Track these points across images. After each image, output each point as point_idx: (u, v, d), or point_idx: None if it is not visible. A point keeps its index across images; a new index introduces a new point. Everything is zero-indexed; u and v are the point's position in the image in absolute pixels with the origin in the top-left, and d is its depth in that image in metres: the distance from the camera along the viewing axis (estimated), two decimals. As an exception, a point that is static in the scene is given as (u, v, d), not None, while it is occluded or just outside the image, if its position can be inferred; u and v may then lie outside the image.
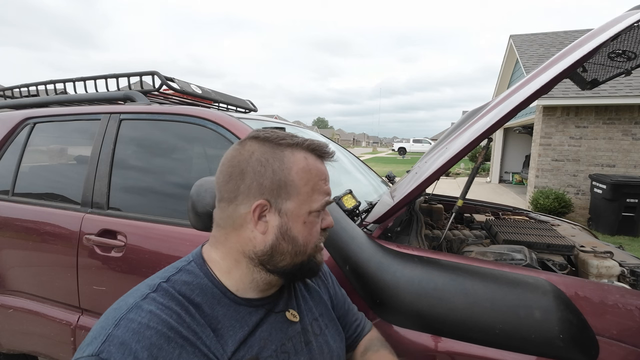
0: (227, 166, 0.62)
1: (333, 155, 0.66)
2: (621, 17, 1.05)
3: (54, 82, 2.09)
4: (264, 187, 0.59)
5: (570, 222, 1.97)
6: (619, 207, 5.23)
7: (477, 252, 1.26)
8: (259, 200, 0.59)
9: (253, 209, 0.59)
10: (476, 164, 1.50)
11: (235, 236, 0.62)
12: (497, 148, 11.52)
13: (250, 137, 0.63)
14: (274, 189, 0.59)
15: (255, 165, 0.60)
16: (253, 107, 2.46)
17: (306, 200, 0.61)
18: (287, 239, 0.61)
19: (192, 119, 1.47)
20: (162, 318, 0.52)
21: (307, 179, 0.61)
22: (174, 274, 0.61)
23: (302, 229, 0.61)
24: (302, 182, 0.60)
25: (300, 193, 0.60)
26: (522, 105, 0.97)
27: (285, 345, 0.64)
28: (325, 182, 0.64)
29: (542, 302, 0.88)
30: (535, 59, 8.12)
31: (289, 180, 0.60)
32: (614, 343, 0.87)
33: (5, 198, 1.72)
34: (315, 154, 0.64)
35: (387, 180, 2.45)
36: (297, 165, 0.61)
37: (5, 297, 1.67)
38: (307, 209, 0.61)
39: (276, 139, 0.62)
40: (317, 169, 0.63)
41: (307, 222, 0.61)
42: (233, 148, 0.64)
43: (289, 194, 0.60)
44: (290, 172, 0.60)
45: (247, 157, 0.60)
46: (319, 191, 0.62)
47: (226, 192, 0.61)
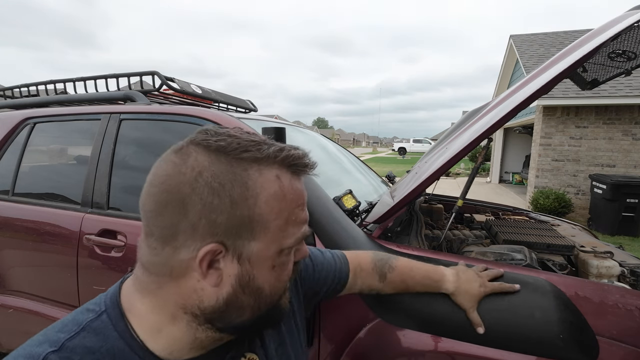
0: (159, 189, 0.42)
1: (314, 168, 0.49)
2: (621, 17, 1.05)
3: (54, 82, 2.09)
4: (217, 226, 0.41)
5: (570, 222, 1.97)
6: (619, 207, 5.22)
7: (477, 252, 1.26)
8: (210, 245, 0.42)
9: (200, 258, 0.42)
10: (476, 164, 1.50)
11: (174, 287, 0.44)
12: (497, 148, 11.52)
13: (196, 144, 0.43)
14: (232, 227, 0.42)
15: (205, 193, 0.41)
16: (253, 107, 2.46)
17: (277, 238, 0.44)
18: (249, 291, 0.45)
19: (192, 119, 1.47)
20: None
21: (280, 208, 0.44)
22: (72, 336, 0.42)
23: (269, 276, 0.46)
24: (273, 214, 0.43)
25: (269, 229, 0.44)
26: (522, 105, 0.97)
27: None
28: (302, 208, 0.47)
29: (542, 302, 0.88)
30: (535, 59, 8.12)
31: (254, 214, 0.42)
32: (614, 343, 0.87)
33: (5, 198, 1.72)
34: (292, 171, 0.46)
35: (387, 180, 2.45)
36: (266, 191, 0.43)
37: (5, 297, 1.67)
38: (277, 247, 0.45)
39: (235, 150, 0.42)
40: (293, 193, 0.45)
41: (276, 266, 0.46)
42: (168, 160, 0.44)
43: (253, 233, 0.43)
44: (257, 202, 0.42)
45: (191, 178, 0.41)
46: (295, 222, 0.46)
47: (158, 228, 0.43)
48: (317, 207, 1.16)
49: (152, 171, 0.44)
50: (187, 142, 0.44)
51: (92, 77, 1.94)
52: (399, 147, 32.68)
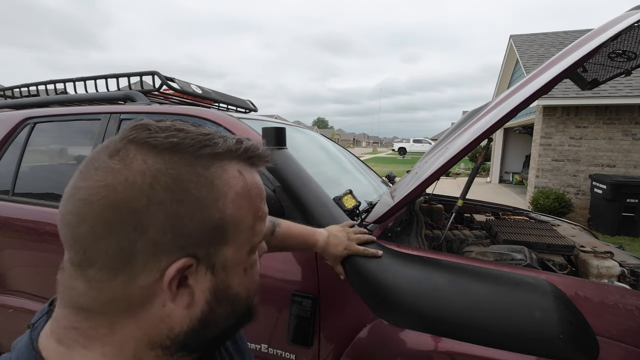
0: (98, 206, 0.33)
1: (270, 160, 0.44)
2: (621, 17, 1.05)
3: (54, 82, 2.09)
4: (186, 237, 0.35)
5: (570, 222, 1.97)
6: (619, 207, 5.22)
7: (477, 252, 1.26)
8: (181, 261, 0.35)
9: (170, 278, 0.34)
10: (476, 164, 1.50)
11: (133, 323, 0.36)
12: (497, 148, 11.52)
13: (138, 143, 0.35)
14: (203, 235, 0.36)
15: (167, 201, 0.34)
16: (253, 107, 2.46)
17: (248, 238, 0.40)
18: (225, 301, 0.40)
19: (192, 119, 1.47)
20: None
21: (248, 206, 0.39)
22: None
23: (244, 280, 0.41)
24: (243, 212, 0.39)
25: (240, 230, 0.39)
26: (522, 105, 0.97)
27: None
28: (264, 201, 0.44)
29: (542, 302, 0.88)
30: (535, 59, 8.12)
31: (226, 216, 0.37)
32: (614, 343, 0.87)
33: (6, 198, 1.72)
34: (250, 163, 0.41)
35: (387, 180, 2.45)
36: (233, 189, 0.38)
37: (5, 297, 1.67)
38: (248, 248, 0.41)
39: (192, 147, 0.36)
40: (256, 188, 0.41)
41: (248, 267, 0.41)
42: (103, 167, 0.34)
43: (225, 237, 0.38)
44: (226, 202, 0.37)
45: (145, 186, 0.33)
46: (261, 218, 0.42)
47: (102, 255, 0.33)
48: (317, 207, 1.16)
49: (79, 183, 0.34)
50: (123, 142, 0.35)
51: (92, 77, 1.94)
52: (399, 147, 32.69)
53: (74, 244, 0.34)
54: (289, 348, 1.13)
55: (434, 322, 0.93)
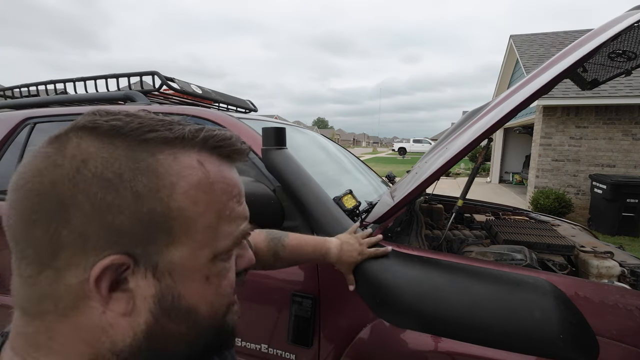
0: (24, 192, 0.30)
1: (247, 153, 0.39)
2: (621, 17, 1.05)
3: (54, 82, 2.09)
4: (117, 231, 0.30)
5: (570, 222, 1.97)
6: (619, 207, 5.22)
7: (477, 252, 1.26)
8: (109, 258, 0.30)
9: (95, 277, 0.30)
10: (476, 164, 1.50)
11: (68, 328, 0.31)
12: (497, 148, 11.52)
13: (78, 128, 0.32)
14: (139, 230, 0.31)
15: (94, 187, 0.30)
16: (253, 107, 2.46)
17: (207, 239, 0.34)
18: (175, 315, 0.34)
19: (192, 119, 1.47)
20: None
21: (208, 201, 0.34)
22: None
23: (204, 291, 0.35)
24: (199, 209, 0.33)
25: (194, 229, 0.33)
26: (522, 105, 0.97)
27: None
28: (239, 200, 0.37)
29: (542, 302, 0.88)
30: (535, 59, 8.12)
31: (171, 209, 0.32)
32: (614, 343, 0.87)
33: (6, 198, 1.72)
34: (218, 154, 0.36)
35: (387, 181, 2.45)
36: (185, 179, 0.33)
37: (5, 297, 1.67)
38: (209, 253, 0.34)
39: (136, 131, 0.32)
40: (223, 182, 0.36)
41: (211, 277, 0.35)
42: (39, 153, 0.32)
43: (172, 235, 0.32)
44: (172, 193, 0.32)
45: (71, 170, 0.30)
46: (230, 218, 0.36)
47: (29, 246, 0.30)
48: (317, 207, 1.16)
49: (17, 170, 0.31)
50: (67, 129, 0.32)
51: (92, 77, 1.94)
52: (399, 147, 32.69)
53: (8, 234, 0.31)
54: (289, 348, 1.13)
55: (434, 322, 0.93)
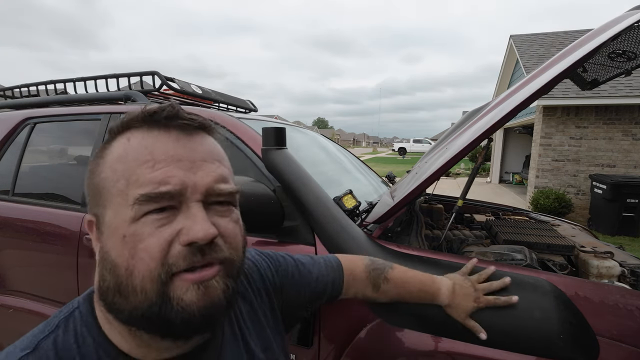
0: None
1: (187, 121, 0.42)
2: (621, 17, 1.05)
3: (54, 82, 2.09)
4: (89, 198, 0.43)
5: (570, 223, 1.97)
6: (619, 207, 5.22)
7: (477, 252, 1.26)
8: (88, 216, 0.43)
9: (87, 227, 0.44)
10: (476, 164, 1.50)
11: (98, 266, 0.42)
12: (498, 148, 11.52)
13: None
14: (91, 197, 0.42)
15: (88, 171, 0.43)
16: (253, 107, 2.46)
17: (121, 202, 0.39)
18: (107, 267, 0.40)
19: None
20: None
21: (122, 169, 0.39)
22: (47, 335, 0.41)
23: (121, 249, 0.38)
24: (115, 176, 0.39)
25: (112, 193, 0.39)
26: (522, 105, 0.97)
27: None
28: (150, 165, 0.39)
29: (542, 302, 0.88)
30: (535, 59, 8.12)
31: (100, 179, 0.40)
32: (615, 343, 0.87)
33: (6, 198, 1.72)
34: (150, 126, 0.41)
35: (387, 181, 2.45)
36: (112, 155, 0.41)
37: (5, 297, 1.67)
38: (123, 216, 0.38)
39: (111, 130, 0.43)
40: (138, 149, 0.40)
41: (127, 236, 0.38)
42: None
43: (102, 200, 0.40)
44: (103, 168, 0.41)
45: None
46: (136, 183, 0.38)
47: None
48: (317, 207, 1.16)
49: None
50: None
51: (92, 77, 1.94)
52: (399, 147, 32.67)
53: None
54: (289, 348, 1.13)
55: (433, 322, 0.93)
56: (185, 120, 0.41)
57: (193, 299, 0.38)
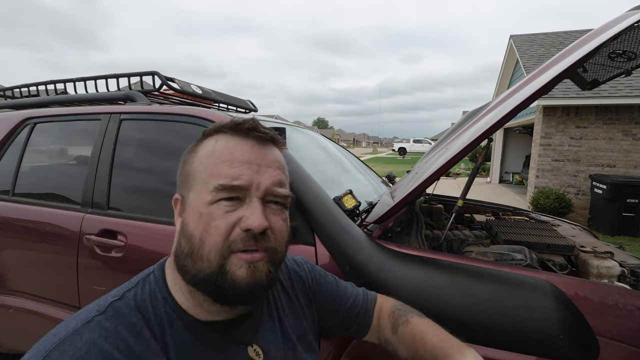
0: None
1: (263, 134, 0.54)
2: (621, 17, 1.05)
3: (54, 82, 2.09)
4: (179, 182, 0.56)
5: (570, 223, 1.97)
6: (620, 207, 5.22)
7: (478, 253, 1.26)
8: (177, 194, 0.56)
9: (173, 204, 0.57)
10: (476, 164, 1.50)
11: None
12: (498, 148, 11.52)
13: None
14: (182, 181, 0.55)
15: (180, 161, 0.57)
16: (253, 107, 2.46)
17: (202, 188, 0.51)
18: (185, 235, 0.51)
19: (192, 119, 1.47)
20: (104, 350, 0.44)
21: (207, 164, 0.52)
22: (130, 289, 0.53)
23: (197, 222, 0.50)
24: (202, 167, 0.52)
25: (197, 180, 0.52)
26: (522, 105, 0.97)
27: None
28: (229, 163, 0.50)
29: (542, 302, 0.88)
30: (535, 59, 8.12)
31: (191, 169, 0.53)
32: (615, 343, 0.87)
33: (6, 198, 1.72)
34: (234, 133, 0.53)
35: (387, 181, 2.45)
36: (202, 151, 0.54)
37: (5, 297, 1.67)
38: (204, 198, 0.50)
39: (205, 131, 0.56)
40: (222, 150, 0.52)
41: (203, 214, 0.49)
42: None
43: (189, 185, 0.53)
44: (194, 160, 0.54)
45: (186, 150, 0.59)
46: (217, 175, 0.50)
47: None
48: (317, 207, 1.16)
49: None
50: None
51: (92, 77, 1.94)
52: (399, 147, 32.66)
53: None
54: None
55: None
56: (261, 133, 0.53)
57: (243, 274, 0.49)
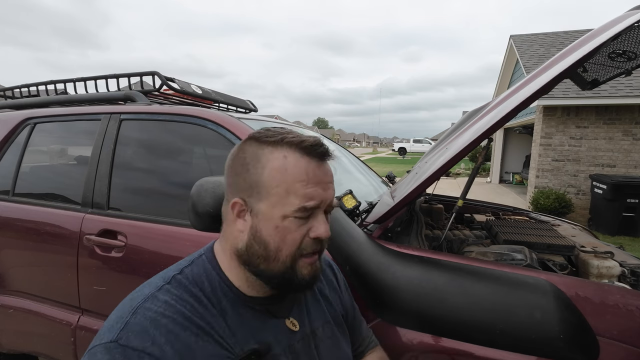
0: (227, 162, 0.64)
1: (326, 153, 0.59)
2: (621, 17, 1.05)
3: (54, 82, 2.09)
4: (239, 186, 0.59)
5: (570, 223, 1.97)
6: (620, 207, 5.22)
7: (478, 253, 1.26)
8: (235, 199, 0.60)
9: (231, 206, 0.60)
10: (476, 164, 1.50)
11: (228, 231, 0.63)
12: (498, 148, 11.52)
13: (249, 136, 0.63)
14: (247, 188, 0.58)
15: (237, 164, 0.60)
16: (253, 107, 2.46)
17: (278, 203, 0.56)
18: (257, 241, 0.58)
19: (192, 119, 1.47)
20: (177, 308, 0.54)
21: (281, 179, 0.56)
22: (187, 266, 0.63)
23: (273, 234, 0.57)
24: (274, 182, 0.56)
25: (270, 194, 0.57)
26: (523, 105, 0.97)
27: (294, 346, 0.64)
28: (304, 183, 0.56)
29: (542, 302, 0.88)
30: (535, 59, 8.12)
31: (260, 180, 0.57)
32: (615, 343, 0.87)
33: (6, 198, 1.72)
34: (302, 152, 0.58)
35: (387, 181, 2.45)
36: (271, 164, 0.57)
37: (5, 297, 1.67)
38: (280, 212, 0.56)
39: (263, 137, 0.59)
40: (296, 169, 0.56)
41: (279, 227, 0.57)
42: (236, 145, 0.64)
43: (260, 195, 0.57)
44: (263, 171, 0.57)
45: (236, 155, 0.62)
46: (295, 194, 0.56)
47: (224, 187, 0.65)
48: None
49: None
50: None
51: (92, 77, 1.94)
52: (399, 147, 32.64)
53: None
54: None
55: (433, 321, 0.93)
56: (324, 152, 0.59)
57: (308, 272, 0.60)
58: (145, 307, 0.53)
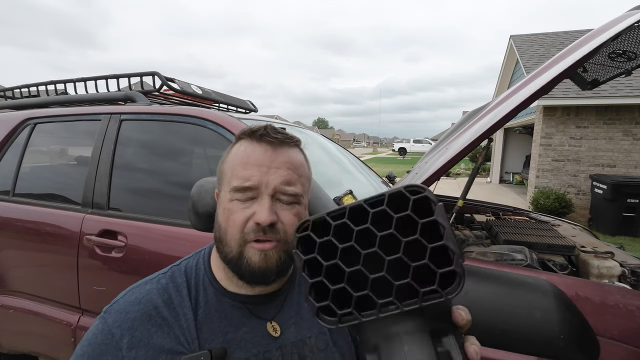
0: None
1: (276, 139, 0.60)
2: (621, 17, 1.05)
3: (54, 83, 2.09)
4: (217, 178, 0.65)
5: (570, 223, 1.97)
6: (620, 207, 5.22)
7: (478, 253, 1.26)
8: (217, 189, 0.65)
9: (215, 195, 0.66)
10: (476, 164, 1.50)
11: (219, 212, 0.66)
12: (498, 148, 11.52)
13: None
14: (219, 179, 0.64)
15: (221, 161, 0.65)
16: (253, 108, 2.46)
17: (227, 186, 0.60)
18: (216, 225, 0.62)
19: (192, 119, 1.47)
20: (152, 298, 0.59)
21: (232, 164, 0.60)
22: (187, 258, 0.67)
23: (222, 215, 0.60)
24: (227, 168, 0.61)
25: (223, 180, 0.61)
26: (523, 105, 0.97)
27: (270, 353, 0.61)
28: (243, 165, 0.58)
29: (542, 302, 0.88)
30: (535, 59, 8.12)
31: (223, 169, 0.62)
32: (615, 343, 0.87)
33: (6, 198, 1.72)
34: (253, 139, 0.61)
35: (387, 181, 2.45)
36: (230, 153, 0.62)
37: (5, 297, 1.67)
38: (227, 195, 0.60)
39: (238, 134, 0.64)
40: (242, 153, 0.60)
41: (226, 209, 0.59)
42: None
43: (221, 182, 0.62)
44: (225, 160, 0.62)
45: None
46: (236, 175, 0.58)
47: None
48: (316, 207, 1.16)
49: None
50: None
51: (92, 77, 1.94)
52: (399, 147, 32.65)
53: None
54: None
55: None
56: (271, 138, 0.60)
57: (256, 260, 0.57)
58: (134, 291, 0.60)
